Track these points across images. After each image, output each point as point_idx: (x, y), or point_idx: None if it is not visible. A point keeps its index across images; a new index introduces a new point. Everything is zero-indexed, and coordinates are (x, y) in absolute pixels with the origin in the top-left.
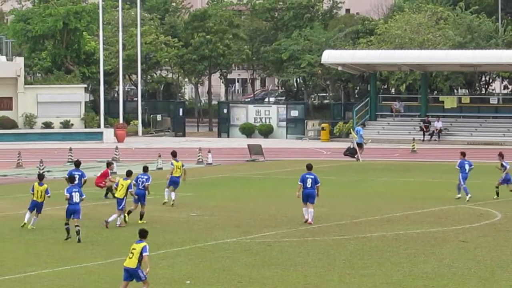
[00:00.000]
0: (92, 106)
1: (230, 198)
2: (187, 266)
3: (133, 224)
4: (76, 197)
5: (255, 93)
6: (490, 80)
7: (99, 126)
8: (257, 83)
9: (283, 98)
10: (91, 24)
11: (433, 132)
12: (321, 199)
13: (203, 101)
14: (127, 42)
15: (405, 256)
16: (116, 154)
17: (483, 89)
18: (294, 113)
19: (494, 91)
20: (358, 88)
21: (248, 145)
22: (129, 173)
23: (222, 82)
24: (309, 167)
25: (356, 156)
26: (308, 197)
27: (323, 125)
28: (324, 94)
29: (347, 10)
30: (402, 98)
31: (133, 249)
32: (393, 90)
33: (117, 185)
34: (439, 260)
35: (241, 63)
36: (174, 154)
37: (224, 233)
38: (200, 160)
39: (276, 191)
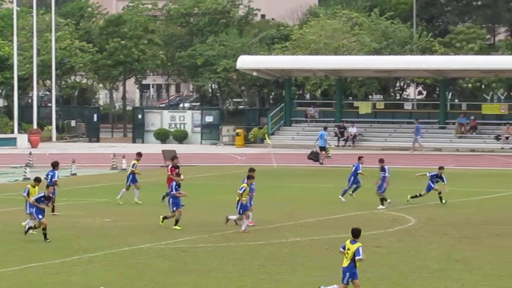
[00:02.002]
0: (6, 112)
1: (144, 203)
2: (101, 272)
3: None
4: None
5: (170, 98)
6: (405, 86)
7: (12, 132)
8: (172, 89)
9: (198, 103)
10: (5, 29)
11: (348, 137)
12: (233, 205)
13: (117, 107)
14: (42, 48)
15: (319, 261)
16: (30, 160)
17: (398, 95)
18: (209, 119)
19: (408, 97)
20: (273, 93)
21: (163, 150)
22: (37, 180)
23: (137, 88)
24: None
25: (320, 159)
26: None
27: (237, 130)
28: (239, 100)
29: (263, 16)
30: (317, 103)
31: (348, 249)
32: (308, 96)
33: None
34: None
35: (156, 68)
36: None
37: (139, 239)
38: (115, 165)
39: (191, 197)
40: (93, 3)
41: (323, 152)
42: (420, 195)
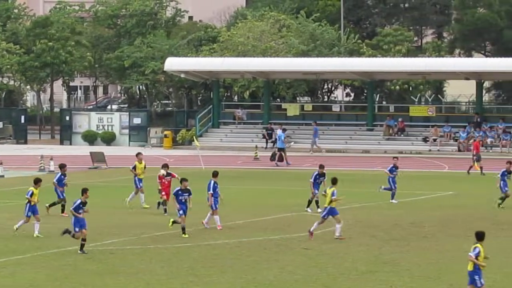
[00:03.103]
0: None
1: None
2: (29, 274)
3: None
4: None
5: (97, 100)
6: (333, 88)
7: None
8: (100, 91)
9: (126, 105)
10: None
11: (276, 139)
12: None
13: (45, 109)
14: None
15: (248, 264)
16: None
17: (326, 96)
18: (137, 121)
19: (336, 99)
20: (201, 95)
21: (91, 152)
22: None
23: (65, 90)
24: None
25: (284, 159)
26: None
27: (165, 132)
28: (167, 102)
29: (190, 18)
30: (245, 105)
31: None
32: (236, 98)
33: None
34: (282, 267)
35: (84, 70)
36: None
37: (67, 241)
38: (42, 167)
39: (119, 199)
40: (20, 4)
41: (282, 153)
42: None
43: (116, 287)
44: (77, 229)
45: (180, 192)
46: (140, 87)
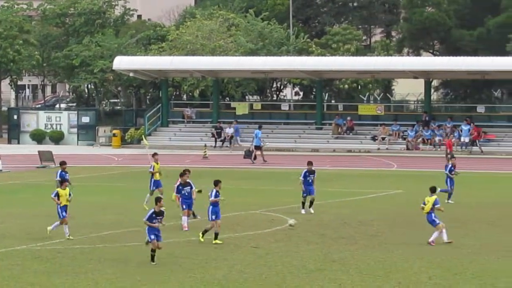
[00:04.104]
0: None
1: (21, 205)
2: None
3: None
4: None
5: (46, 99)
6: (282, 87)
7: None
8: (48, 89)
9: (74, 104)
10: None
11: (225, 138)
12: (112, 206)
13: None
14: None
15: (197, 263)
16: None
17: (275, 95)
18: (85, 120)
19: (285, 98)
20: (150, 94)
21: (39, 151)
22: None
23: (12, 89)
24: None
25: (252, 158)
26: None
27: (114, 131)
28: (116, 100)
29: (139, 16)
30: (194, 104)
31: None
32: (185, 96)
33: None
34: (231, 266)
35: (32, 69)
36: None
37: (15, 241)
38: None
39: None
40: None
41: (258, 152)
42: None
43: (64, 287)
44: (152, 237)
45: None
46: (89, 86)
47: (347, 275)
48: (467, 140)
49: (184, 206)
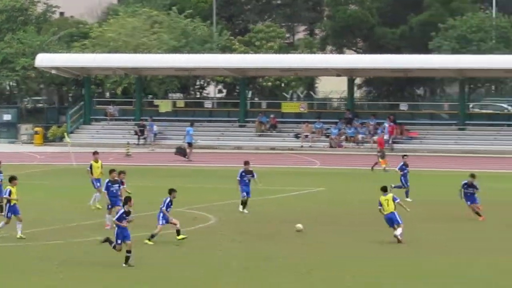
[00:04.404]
0: None
1: None
2: None
3: None
4: None
5: None
6: (205, 84)
7: None
8: None
9: None
10: None
11: (148, 136)
12: (34, 204)
13: None
14: None
15: (118, 261)
16: None
17: (198, 93)
18: (7, 117)
19: (208, 95)
20: (72, 91)
21: None
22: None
23: None
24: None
25: (186, 155)
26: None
27: (36, 129)
28: (38, 98)
29: (61, 13)
30: (117, 102)
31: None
32: (108, 94)
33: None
34: (153, 264)
35: None
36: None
37: None
38: None
39: None
40: None
41: (189, 148)
42: None
43: None
44: (119, 241)
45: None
46: (10, 83)
47: (272, 272)
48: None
49: (110, 205)
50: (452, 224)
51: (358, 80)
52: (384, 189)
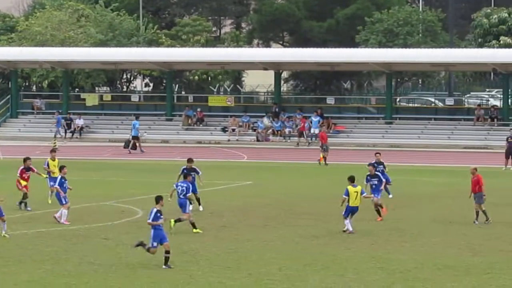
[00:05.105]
0: None
1: None
2: None
3: None
4: None
5: None
6: (132, 78)
7: None
8: None
9: None
10: None
11: (75, 129)
12: None
13: None
14: None
15: (47, 254)
16: None
17: (125, 86)
18: None
19: (135, 89)
20: None
21: None
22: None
23: None
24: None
25: (132, 148)
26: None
27: None
28: None
29: None
30: (44, 95)
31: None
32: (34, 87)
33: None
34: (81, 257)
35: None
36: None
37: None
38: None
39: None
40: None
41: (136, 141)
42: None
43: None
44: (155, 244)
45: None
46: None
47: (197, 266)
48: (317, 131)
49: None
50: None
51: (285, 74)
52: (352, 180)
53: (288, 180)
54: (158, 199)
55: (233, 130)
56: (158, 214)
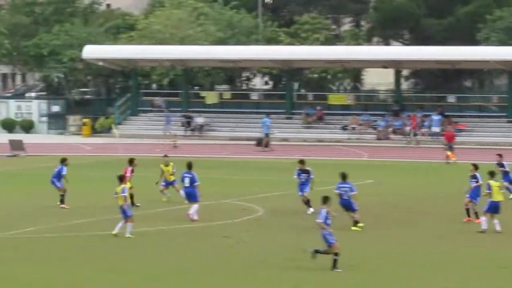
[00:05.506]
0: None
1: None
2: None
3: None
4: None
5: (16, 88)
6: (251, 76)
7: None
8: (18, 78)
9: (44, 93)
10: None
11: (195, 127)
12: (82, 195)
13: None
14: None
15: (168, 252)
16: None
17: (244, 85)
18: (55, 108)
19: (255, 87)
20: (119, 83)
21: (9, 140)
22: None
23: None
24: (189, 166)
25: (266, 146)
26: (188, 196)
27: (84, 120)
28: (86, 89)
29: (108, 5)
30: (164, 93)
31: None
32: (154, 86)
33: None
34: (201, 255)
35: (1, 58)
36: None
37: None
38: None
39: (37, 187)
40: None
41: (266, 138)
42: None
43: (23, 276)
44: (331, 242)
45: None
46: (59, 75)
47: (316, 263)
48: (437, 130)
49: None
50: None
51: (405, 72)
52: (492, 174)
53: (409, 178)
54: (326, 199)
55: (353, 128)
56: (328, 216)
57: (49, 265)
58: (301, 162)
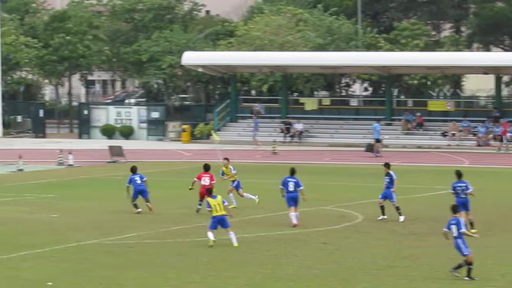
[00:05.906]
0: None
1: (91, 199)
2: (48, 268)
3: None
4: None
5: (115, 94)
6: (351, 82)
7: None
8: (118, 85)
9: (144, 99)
10: None
11: (294, 134)
12: (181, 201)
13: (63, 103)
14: None
15: (267, 258)
16: None
17: (344, 91)
18: (155, 115)
19: (354, 93)
20: (218, 89)
21: (109, 146)
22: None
23: (82, 84)
24: (292, 171)
25: (375, 152)
26: (292, 200)
27: (183, 126)
28: (185, 96)
29: (207, 12)
30: (263, 99)
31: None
32: (253, 92)
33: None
34: (301, 261)
35: (101, 64)
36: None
37: (86, 235)
38: (61, 161)
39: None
40: None
41: (378, 144)
42: None
43: (135, 281)
44: (466, 253)
45: None
46: (158, 81)
47: (417, 271)
48: None
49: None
50: None
51: (506, 78)
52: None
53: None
54: (456, 208)
55: (453, 134)
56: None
57: (157, 271)
58: (386, 165)
